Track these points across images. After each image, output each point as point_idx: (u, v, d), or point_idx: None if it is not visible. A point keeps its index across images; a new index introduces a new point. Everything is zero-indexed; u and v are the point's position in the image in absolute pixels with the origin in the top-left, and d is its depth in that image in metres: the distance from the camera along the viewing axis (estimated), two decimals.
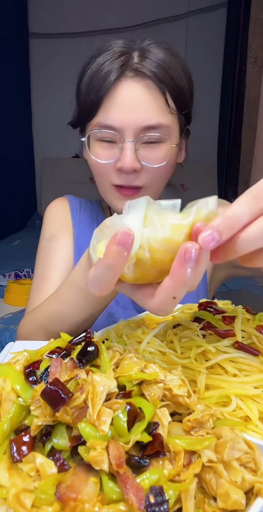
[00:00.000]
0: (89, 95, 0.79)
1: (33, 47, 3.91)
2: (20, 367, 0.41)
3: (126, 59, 0.77)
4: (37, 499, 0.30)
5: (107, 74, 0.76)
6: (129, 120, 0.76)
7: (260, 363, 0.49)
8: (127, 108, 0.76)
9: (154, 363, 0.41)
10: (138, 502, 0.29)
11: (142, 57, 0.78)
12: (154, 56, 0.78)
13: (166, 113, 0.78)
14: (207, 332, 0.54)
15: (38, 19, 3.83)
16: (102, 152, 0.80)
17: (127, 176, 0.79)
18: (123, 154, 0.77)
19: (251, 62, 2.87)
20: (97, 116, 0.79)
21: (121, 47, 0.79)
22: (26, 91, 3.96)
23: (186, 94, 0.82)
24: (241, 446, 0.34)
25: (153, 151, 0.79)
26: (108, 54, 0.78)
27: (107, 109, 0.77)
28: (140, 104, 0.76)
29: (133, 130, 0.76)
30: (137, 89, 0.77)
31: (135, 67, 0.77)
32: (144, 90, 0.77)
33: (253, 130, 2.90)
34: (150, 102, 0.77)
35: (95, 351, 0.41)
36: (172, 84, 0.78)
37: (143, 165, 0.78)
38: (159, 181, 0.83)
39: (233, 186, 3.06)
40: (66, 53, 3.84)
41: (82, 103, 0.82)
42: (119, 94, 0.76)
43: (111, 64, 0.77)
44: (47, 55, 3.92)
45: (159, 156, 0.79)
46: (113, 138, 0.79)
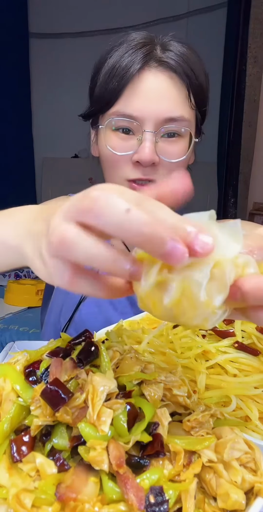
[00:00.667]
0: (109, 84, 0.76)
1: (33, 47, 3.91)
2: (20, 367, 0.41)
3: (149, 50, 0.75)
4: (37, 499, 0.30)
5: (130, 63, 0.74)
6: (151, 110, 0.74)
7: (260, 363, 0.49)
8: (150, 98, 0.74)
9: (154, 363, 0.41)
10: (138, 502, 0.29)
11: (164, 49, 0.76)
12: (176, 49, 0.76)
13: (187, 107, 0.77)
14: (207, 332, 0.54)
15: (38, 19, 3.83)
16: (119, 143, 0.77)
17: (144, 170, 0.76)
18: (142, 145, 0.74)
19: (251, 62, 2.87)
20: (117, 105, 0.76)
21: (144, 39, 0.77)
22: (26, 91, 3.95)
23: (205, 92, 0.81)
24: (241, 446, 0.34)
25: (171, 145, 0.77)
26: (131, 45, 0.76)
27: (129, 97, 0.75)
28: (164, 95, 0.74)
29: (154, 120, 0.74)
30: (161, 80, 0.75)
31: (159, 58, 0.75)
32: (168, 81, 0.75)
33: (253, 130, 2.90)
34: (173, 94, 0.75)
35: (95, 351, 0.41)
36: (194, 79, 0.77)
37: (160, 159, 0.76)
38: None
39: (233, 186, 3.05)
40: (66, 53, 3.83)
41: (100, 93, 0.78)
42: (143, 83, 0.74)
43: (135, 54, 0.75)
44: (47, 55, 3.92)
45: (177, 151, 0.77)
46: (132, 129, 0.76)
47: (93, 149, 0.87)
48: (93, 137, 0.87)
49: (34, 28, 3.92)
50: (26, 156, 4.08)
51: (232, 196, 2.95)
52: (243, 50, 2.95)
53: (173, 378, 0.40)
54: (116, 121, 0.76)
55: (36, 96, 4.08)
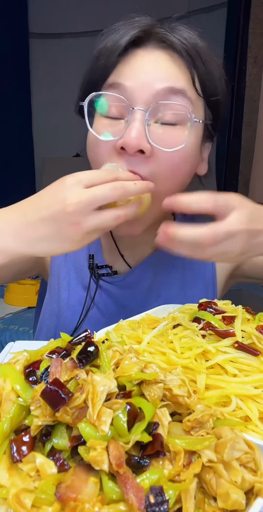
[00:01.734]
0: (99, 60, 0.66)
1: (33, 47, 3.91)
2: (20, 367, 0.41)
3: (149, 27, 0.65)
4: (37, 499, 0.30)
5: (122, 35, 0.64)
6: (144, 82, 0.61)
7: (260, 363, 0.49)
8: (143, 72, 0.62)
9: (154, 363, 0.41)
10: (138, 502, 0.29)
11: (166, 29, 0.66)
12: (183, 33, 0.66)
13: (191, 87, 0.65)
14: (207, 332, 0.54)
15: (38, 19, 3.84)
16: (105, 129, 0.64)
17: (129, 159, 0.62)
18: (129, 127, 0.60)
19: (251, 62, 2.87)
20: (106, 82, 0.65)
21: (145, 18, 0.67)
22: (26, 91, 3.96)
23: (215, 83, 0.69)
24: (241, 446, 0.34)
25: (169, 131, 0.62)
26: (129, 21, 0.66)
27: (119, 71, 0.64)
28: (161, 69, 0.63)
29: (146, 95, 0.61)
30: (159, 55, 0.64)
31: (159, 36, 0.65)
32: (167, 57, 0.64)
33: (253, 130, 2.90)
34: (172, 68, 0.63)
35: (95, 351, 0.41)
36: (199, 63, 0.65)
37: (154, 149, 0.61)
38: (172, 179, 0.65)
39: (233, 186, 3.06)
40: (66, 53, 3.84)
41: (88, 75, 0.69)
42: (136, 59, 0.64)
43: (128, 27, 0.64)
44: (47, 55, 3.93)
45: (175, 139, 0.62)
46: (120, 112, 0.64)
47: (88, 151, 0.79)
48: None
49: (34, 28, 3.93)
50: (26, 156, 4.09)
51: None
52: (243, 50, 2.95)
53: (173, 378, 0.40)
54: (103, 101, 0.64)
55: (36, 96, 4.09)
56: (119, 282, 0.83)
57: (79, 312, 0.82)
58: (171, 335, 0.55)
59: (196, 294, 0.85)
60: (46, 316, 0.86)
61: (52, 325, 0.85)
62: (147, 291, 0.84)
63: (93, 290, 0.83)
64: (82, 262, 0.85)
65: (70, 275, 0.84)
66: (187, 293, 0.86)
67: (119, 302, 0.84)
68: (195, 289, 0.86)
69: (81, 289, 0.84)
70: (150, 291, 0.84)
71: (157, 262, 0.85)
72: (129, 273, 0.83)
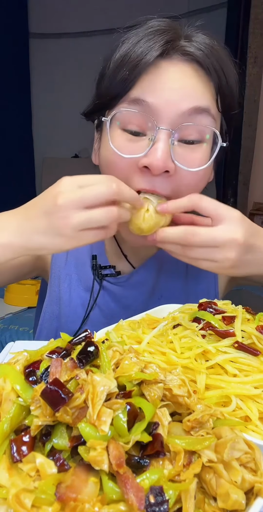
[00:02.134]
0: (119, 73, 0.63)
1: (33, 47, 3.92)
2: (20, 367, 0.41)
3: (172, 38, 0.62)
4: (37, 499, 0.30)
5: (147, 50, 0.61)
6: (169, 102, 0.60)
7: (260, 363, 0.49)
8: (169, 89, 0.61)
9: (154, 363, 0.41)
10: (138, 502, 0.29)
11: (190, 40, 0.64)
12: (204, 42, 0.64)
13: (214, 105, 0.64)
14: (207, 332, 0.54)
15: (38, 19, 3.84)
16: (126, 145, 0.63)
17: (152, 179, 0.62)
18: (154, 147, 0.60)
19: (251, 62, 2.87)
20: (128, 95, 0.62)
21: (165, 25, 0.64)
22: (26, 91, 3.96)
23: (234, 97, 0.68)
24: (241, 446, 0.34)
25: (191, 151, 0.63)
26: (149, 29, 0.63)
27: (142, 87, 0.61)
28: (186, 87, 0.61)
29: (172, 115, 0.60)
30: (183, 71, 0.62)
31: (183, 48, 0.62)
32: (192, 73, 0.62)
33: (253, 130, 2.91)
34: (198, 86, 0.62)
35: (95, 351, 0.41)
36: (223, 78, 0.64)
37: (177, 169, 0.62)
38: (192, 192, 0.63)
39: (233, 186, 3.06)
40: (66, 53, 3.84)
41: (108, 83, 0.65)
42: (160, 74, 0.61)
43: (153, 39, 0.61)
44: (47, 55, 3.93)
45: (198, 159, 0.63)
46: (143, 128, 0.62)
47: (95, 157, 0.76)
48: (96, 141, 0.75)
49: (34, 28, 3.93)
50: (26, 156, 4.10)
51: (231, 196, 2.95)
52: (243, 50, 2.95)
53: (173, 378, 0.40)
54: (125, 117, 0.62)
55: (36, 96, 4.09)
56: (123, 283, 0.83)
57: (81, 313, 0.82)
58: (171, 335, 0.55)
59: (198, 294, 0.85)
60: (46, 319, 0.86)
61: (52, 328, 0.85)
62: (150, 291, 0.84)
63: (96, 291, 0.83)
64: (84, 263, 0.84)
65: (71, 276, 0.84)
66: (189, 293, 0.86)
67: (122, 302, 0.83)
68: (197, 289, 0.86)
69: (82, 290, 0.83)
70: (153, 292, 0.84)
71: (160, 262, 0.84)
72: (134, 273, 0.83)
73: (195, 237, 0.55)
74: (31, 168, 4.12)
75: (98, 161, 0.74)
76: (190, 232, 0.56)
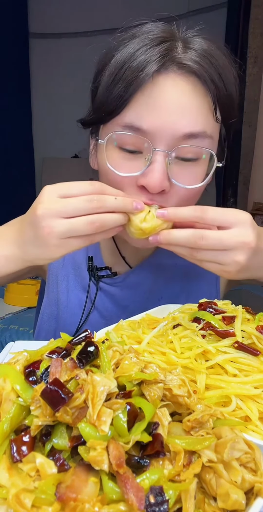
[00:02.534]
0: (114, 88, 0.61)
1: (33, 47, 3.91)
2: (20, 367, 0.41)
3: (168, 48, 0.60)
4: (37, 499, 0.30)
5: (143, 64, 0.59)
6: (165, 125, 0.60)
7: (260, 363, 0.49)
8: (166, 111, 0.60)
9: (154, 363, 0.41)
10: (138, 502, 0.29)
11: (187, 47, 0.62)
12: (201, 49, 0.62)
13: (211, 120, 0.63)
14: (207, 332, 0.54)
15: (38, 19, 3.84)
16: (122, 162, 0.63)
17: (151, 196, 0.63)
18: (151, 168, 0.60)
19: (251, 62, 2.87)
20: (123, 115, 0.61)
21: (162, 32, 0.62)
22: (26, 91, 3.96)
23: (234, 104, 0.67)
24: (241, 446, 0.34)
25: (187, 169, 0.63)
26: (145, 39, 0.61)
27: (138, 107, 0.60)
28: (183, 107, 0.60)
29: (168, 138, 0.60)
30: (180, 88, 0.61)
31: (179, 60, 0.60)
32: (188, 89, 0.61)
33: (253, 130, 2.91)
34: (195, 105, 0.61)
35: (95, 351, 0.41)
36: (222, 88, 0.63)
37: (172, 185, 0.63)
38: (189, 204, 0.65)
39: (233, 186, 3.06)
40: (66, 53, 3.84)
41: (102, 98, 0.64)
42: (157, 91, 0.60)
43: (150, 52, 0.59)
44: (47, 55, 3.93)
45: (194, 176, 0.64)
46: (139, 147, 0.62)
47: (92, 161, 0.76)
48: (93, 147, 0.75)
49: (34, 28, 3.93)
50: (26, 156, 4.10)
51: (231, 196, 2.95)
52: (243, 50, 2.95)
53: (173, 378, 0.40)
54: (120, 137, 0.62)
55: (36, 96, 4.09)
56: (120, 283, 0.83)
57: (79, 314, 0.82)
58: (171, 335, 0.55)
59: (199, 294, 0.85)
60: (44, 320, 0.86)
61: (51, 328, 0.85)
62: (148, 291, 0.84)
63: (93, 292, 0.82)
64: (81, 264, 0.84)
65: (69, 277, 0.84)
66: (190, 293, 0.86)
67: (120, 303, 0.83)
68: (198, 289, 0.86)
69: (80, 291, 0.83)
70: (152, 292, 0.84)
71: (158, 263, 0.84)
72: (130, 273, 0.83)
73: (203, 240, 0.54)
74: (31, 168, 4.12)
75: (96, 166, 0.73)
76: (199, 235, 0.54)
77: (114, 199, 0.56)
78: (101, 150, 0.66)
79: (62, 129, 3.77)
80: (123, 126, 0.62)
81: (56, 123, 3.91)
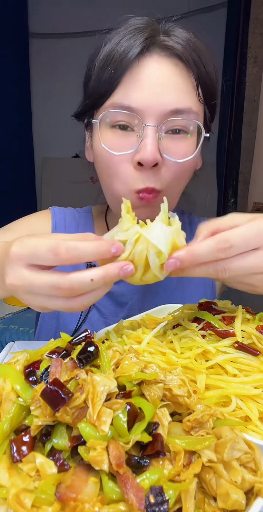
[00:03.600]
0: (104, 72, 0.66)
1: (33, 47, 3.91)
2: (20, 367, 0.41)
3: (151, 34, 0.66)
4: (37, 499, 0.30)
5: (128, 48, 0.64)
6: (153, 101, 0.64)
7: (260, 363, 0.49)
8: (152, 87, 0.64)
9: (154, 363, 0.41)
10: (138, 502, 0.29)
11: (168, 34, 0.67)
12: (181, 35, 0.67)
13: (195, 99, 0.67)
14: (207, 332, 0.54)
15: (38, 19, 3.83)
16: (116, 141, 0.66)
17: (147, 174, 0.65)
18: (144, 142, 0.63)
19: (251, 62, 2.87)
20: (113, 96, 0.66)
21: (144, 23, 0.68)
22: (26, 91, 3.96)
23: (214, 84, 0.72)
24: (241, 446, 0.34)
25: (177, 142, 0.66)
26: (129, 28, 0.66)
27: (126, 87, 0.65)
28: (168, 84, 0.64)
29: (157, 113, 0.64)
30: (164, 66, 0.65)
31: (162, 42, 0.66)
32: (172, 68, 0.65)
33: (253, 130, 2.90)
34: (179, 83, 0.65)
35: (95, 351, 0.41)
36: (202, 69, 0.67)
37: (164, 159, 0.65)
38: (178, 183, 0.70)
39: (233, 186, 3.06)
40: (66, 53, 3.84)
41: (94, 83, 0.69)
42: (143, 71, 0.65)
43: (134, 38, 0.65)
44: (47, 55, 3.92)
45: (184, 149, 0.67)
46: (130, 124, 0.66)
47: (88, 154, 0.79)
48: (88, 139, 0.79)
49: (34, 28, 3.93)
50: (26, 156, 4.10)
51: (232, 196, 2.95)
52: (243, 50, 2.95)
53: (173, 378, 0.40)
54: (112, 115, 0.66)
55: (36, 96, 4.09)
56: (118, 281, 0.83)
57: (79, 313, 0.82)
58: (170, 335, 0.55)
59: (193, 290, 0.85)
60: (46, 319, 0.86)
61: (52, 328, 0.85)
62: (144, 288, 0.84)
63: None
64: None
65: None
66: (185, 289, 0.86)
67: (117, 300, 0.84)
68: (192, 285, 0.86)
69: None
70: (148, 288, 0.84)
71: None
72: None
73: (226, 273, 0.46)
74: (31, 168, 4.12)
75: (92, 158, 0.76)
76: (221, 268, 0.46)
77: (91, 281, 0.44)
78: (95, 134, 0.69)
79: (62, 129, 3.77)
80: (114, 106, 0.66)
81: (56, 123, 3.90)
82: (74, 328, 0.81)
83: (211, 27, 3.66)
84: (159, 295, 0.84)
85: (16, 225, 0.84)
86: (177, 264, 0.46)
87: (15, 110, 3.74)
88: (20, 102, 3.89)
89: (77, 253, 0.44)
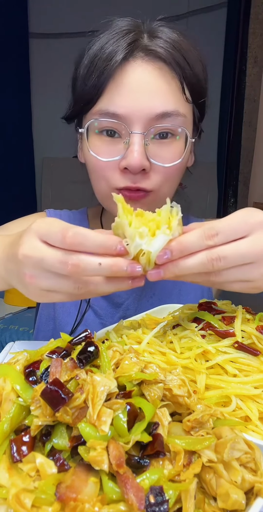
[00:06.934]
0: (89, 79, 0.66)
1: (33, 47, 3.91)
2: (20, 367, 0.41)
3: (135, 38, 0.66)
4: (37, 499, 0.30)
5: (112, 54, 0.64)
6: (138, 107, 0.64)
7: (260, 363, 0.49)
8: (136, 93, 0.64)
9: (154, 363, 0.41)
10: (138, 502, 0.29)
11: (152, 37, 0.67)
12: (165, 36, 0.66)
13: (182, 100, 0.67)
14: (207, 332, 0.54)
15: (38, 19, 3.83)
16: (103, 148, 0.67)
17: (133, 177, 0.66)
18: (130, 149, 0.64)
19: (251, 62, 2.87)
20: (99, 103, 0.66)
21: (128, 25, 0.67)
22: (26, 91, 3.96)
23: (202, 84, 0.71)
24: (241, 446, 0.34)
25: (164, 147, 0.67)
26: (112, 33, 0.66)
27: (111, 94, 0.65)
28: (152, 89, 0.64)
29: (143, 119, 0.64)
30: (148, 71, 0.65)
31: (146, 46, 0.65)
32: (156, 73, 0.65)
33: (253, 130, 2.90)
34: (164, 87, 0.65)
35: (95, 351, 0.41)
36: (188, 69, 0.67)
37: (152, 164, 0.66)
38: (169, 184, 0.70)
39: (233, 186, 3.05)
40: (66, 53, 3.82)
41: (80, 90, 0.69)
42: (126, 76, 0.64)
43: (117, 43, 0.65)
44: (47, 55, 3.92)
45: (172, 154, 0.67)
46: (118, 130, 0.66)
47: (80, 155, 0.80)
48: (79, 141, 0.79)
49: (34, 28, 3.93)
50: (26, 156, 4.10)
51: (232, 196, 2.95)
52: (243, 50, 2.95)
53: (173, 378, 0.40)
54: (99, 123, 0.66)
55: (36, 96, 4.09)
56: None
57: (75, 314, 0.82)
58: (170, 335, 0.55)
59: (190, 289, 0.85)
60: (43, 321, 0.87)
61: (49, 329, 0.86)
62: (141, 288, 0.84)
63: None
64: None
65: None
66: (181, 290, 0.86)
67: (113, 300, 0.84)
68: (189, 285, 0.86)
69: None
70: (144, 288, 0.84)
71: None
72: None
73: (221, 261, 0.45)
74: (31, 168, 4.12)
75: (83, 159, 0.77)
76: (215, 256, 0.45)
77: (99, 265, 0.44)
78: (84, 139, 0.70)
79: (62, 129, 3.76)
80: (100, 114, 0.66)
81: (56, 123, 3.89)
82: (71, 329, 0.81)
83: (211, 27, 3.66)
84: (155, 295, 0.84)
85: (12, 225, 0.84)
86: (167, 255, 0.45)
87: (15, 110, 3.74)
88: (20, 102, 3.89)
89: (84, 239, 0.44)
